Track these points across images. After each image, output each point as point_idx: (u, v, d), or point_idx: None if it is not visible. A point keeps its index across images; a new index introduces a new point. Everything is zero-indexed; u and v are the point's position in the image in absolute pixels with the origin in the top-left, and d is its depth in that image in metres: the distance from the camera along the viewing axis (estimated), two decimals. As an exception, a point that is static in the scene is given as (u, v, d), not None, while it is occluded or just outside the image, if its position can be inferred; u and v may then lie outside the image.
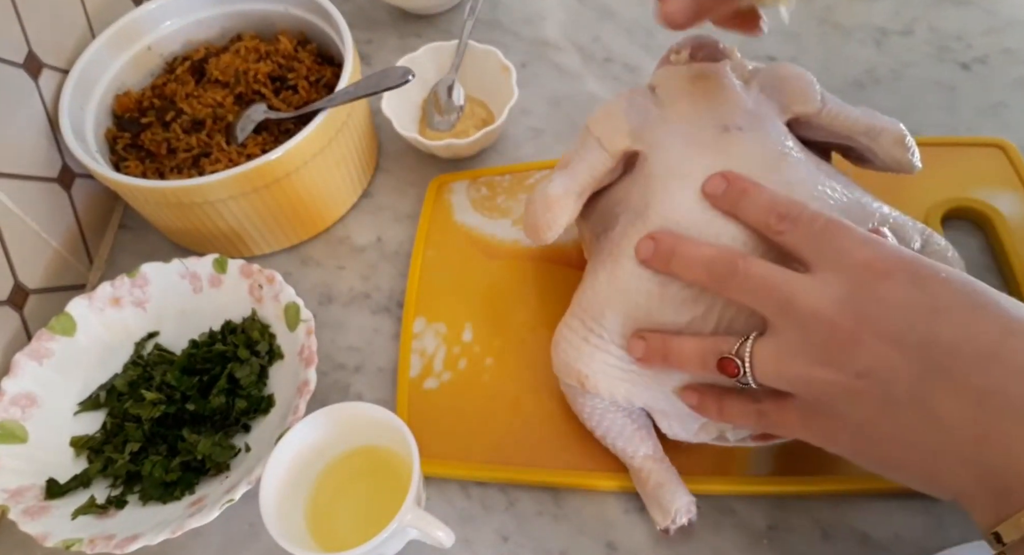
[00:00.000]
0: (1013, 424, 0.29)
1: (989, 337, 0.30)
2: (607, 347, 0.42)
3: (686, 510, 0.42)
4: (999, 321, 0.31)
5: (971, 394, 0.30)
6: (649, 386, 0.42)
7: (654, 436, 0.44)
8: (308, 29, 0.63)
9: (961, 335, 0.31)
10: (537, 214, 0.45)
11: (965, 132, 0.58)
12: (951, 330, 0.31)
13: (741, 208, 0.38)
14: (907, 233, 0.42)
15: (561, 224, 0.45)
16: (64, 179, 0.59)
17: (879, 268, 0.33)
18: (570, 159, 0.45)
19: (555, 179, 0.45)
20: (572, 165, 0.45)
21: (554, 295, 0.52)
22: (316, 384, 0.47)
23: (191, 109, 0.59)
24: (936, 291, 0.32)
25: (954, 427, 0.30)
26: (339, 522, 0.44)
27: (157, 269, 0.53)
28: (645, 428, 0.44)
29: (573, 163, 0.45)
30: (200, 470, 0.48)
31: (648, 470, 0.43)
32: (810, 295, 0.33)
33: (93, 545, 0.42)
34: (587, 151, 0.44)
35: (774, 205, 0.37)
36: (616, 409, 0.44)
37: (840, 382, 0.33)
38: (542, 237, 0.45)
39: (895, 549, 0.42)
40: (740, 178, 0.38)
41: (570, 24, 0.72)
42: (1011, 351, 0.30)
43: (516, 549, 0.45)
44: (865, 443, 0.34)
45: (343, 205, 0.61)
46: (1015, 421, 0.29)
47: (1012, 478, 0.29)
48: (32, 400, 0.48)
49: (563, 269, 0.54)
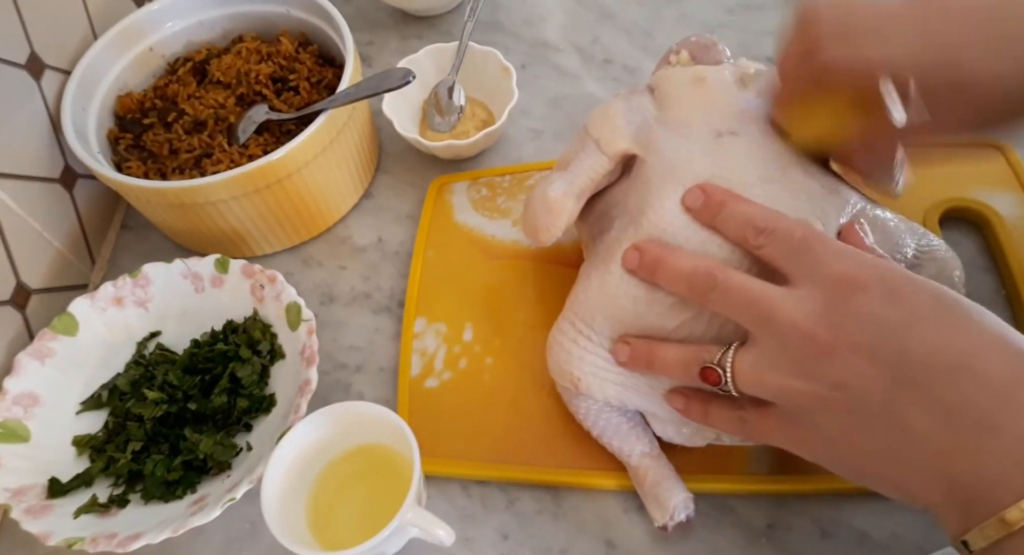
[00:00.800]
0: (980, 438, 0.30)
1: (960, 350, 0.31)
2: (597, 350, 0.43)
3: (684, 507, 0.42)
4: (971, 335, 0.31)
5: (940, 407, 0.30)
6: (639, 389, 0.42)
7: (650, 434, 0.45)
8: (309, 30, 0.64)
9: (932, 348, 0.31)
10: (536, 216, 0.45)
11: (963, 133, 0.58)
12: (923, 344, 0.31)
13: (719, 221, 0.38)
14: (900, 237, 0.42)
15: (560, 226, 0.45)
16: (66, 180, 0.59)
17: (855, 281, 0.33)
18: (569, 160, 0.45)
19: (554, 181, 0.45)
20: (571, 167, 0.45)
21: (554, 295, 0.52)
22: (317, 383, 0.47)
23: (193, 110, 0.59)
24: (910, 304, 0.32)
25: (923, 440, 0.31)
26: (340, 521, 0.44)
27: (159, 269, 0.53)
28: (641, 427, 0.45)
29: (572, 165, 0.45)
30: (202, 469, 0.48)
31: (645, 468, 0.43)
32: (787, 308, 0.34)
33: (95, 544, 0.42)
34: (586, 154, 0.44)
35: (751, 218, 0.37)
36: (611, 409, 0.44)
37: (816, 393, 0.33)
38: (541, 239, 0.46)
39: (894, 548, 0.42)
40: (718, 190, 0.39)
41: (570, 25, 0.72)
42: (981, 365, 0.30)
43: (516, 547, 0.45)
44: (839, 453, 0.35)
45: (344, 205, 0.61)
46: (982, 435, 0.30)
47: (979, 490, 0.30)
48: (34, 399, 0.48)
49: (563, 269, 0.54)
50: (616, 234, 0.43)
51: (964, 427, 0.30)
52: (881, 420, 0.32)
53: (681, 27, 0.70)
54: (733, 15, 0.70)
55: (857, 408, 0.32)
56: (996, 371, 0.30)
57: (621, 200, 0.44)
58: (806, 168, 0.41)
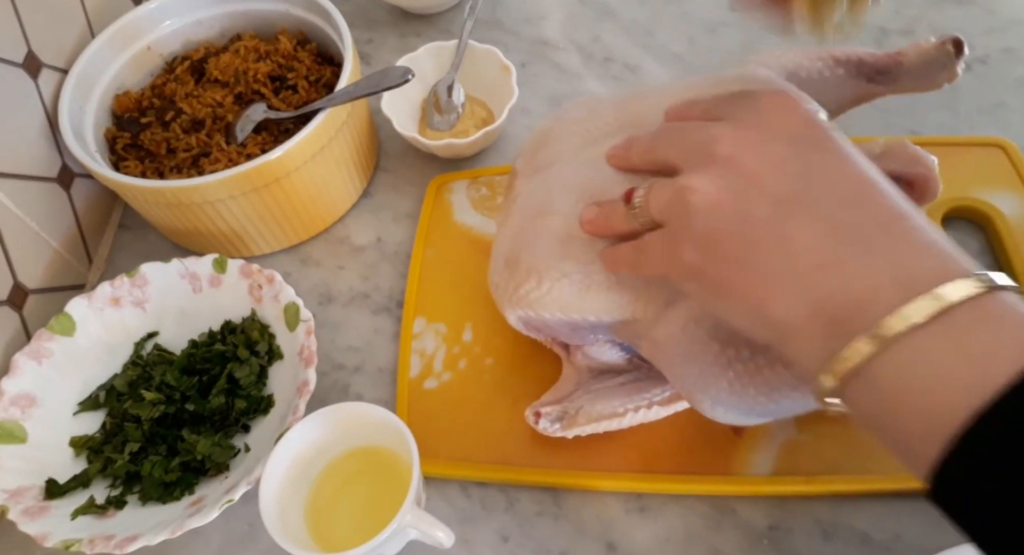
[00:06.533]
0: (858, 254, 0.29)
1: (859, 180, 0.31)
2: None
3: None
4: (868, 170, 0.32)
5: (826, 224, 0.30)
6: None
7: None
8: (308, 29, 0.63)
9: (835, 176, 0.31)
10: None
11: (966, 132, 0.58)
12: (825, 169, 0.32)
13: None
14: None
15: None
16: (63, 179, 0.59)
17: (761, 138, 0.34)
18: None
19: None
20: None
21: (554, 295, 0.52)
22: (316, 384, 0.47)
23: (191, 109, 0.59)
24: (816, 139, 0.33)
25: (800, 252, 0.30)
26: (339, 522, 0.44)
27: (157, 269, 0.53)
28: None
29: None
30: (200, 470, 0.48)
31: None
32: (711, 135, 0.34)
33: (92, 545, 0.42)
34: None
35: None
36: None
37: (707, 192, 0.33)
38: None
39: (896, 550, 0.42)
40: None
41: (570, 24, 0.72)
42: (875, 196, 0.31)
43: (516, 549, 0.45)
44: (707, 260, 0.33)
45: (343, 205, 0.61)
46: (861, 252, 0.29)
47: (847, 308, 0.28)
48: (32, 400, 0.48)
49: (563, 269, 0.54)
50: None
51: (844, 244, 0.29)
52: (762, 227, 0.31)
53: (682, 25, 0.69)
54: (734, 13, 0.69)
55: (743, 213, 0.32)
56: (886, 203, 0.30)
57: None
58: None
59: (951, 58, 0.44)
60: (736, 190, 0.32)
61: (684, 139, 0.36)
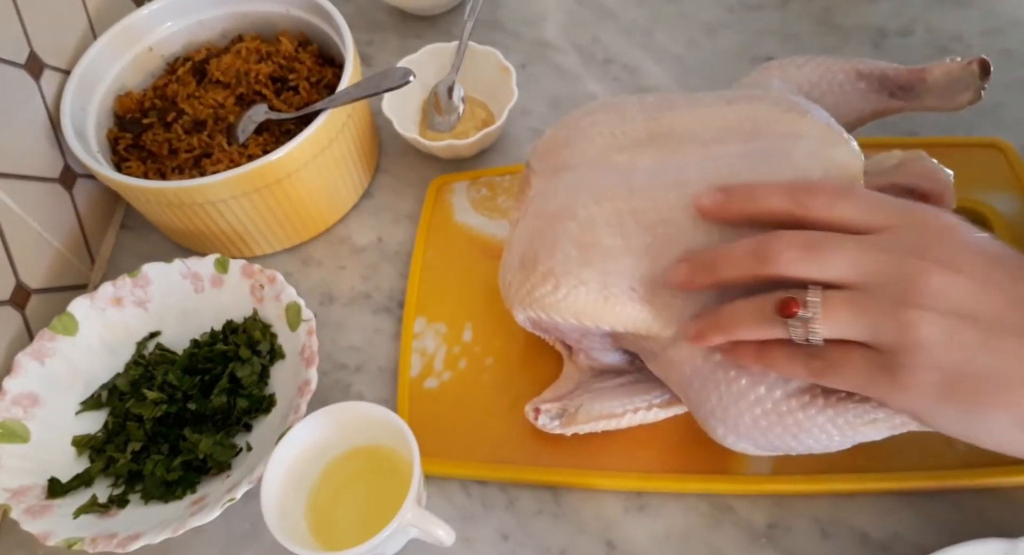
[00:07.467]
0: None
1: None
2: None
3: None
4: None
5: None
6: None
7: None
8: (309, 30, 0.63)
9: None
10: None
11: (963, 132, 0.58)
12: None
13: (752, 205, 0.36)
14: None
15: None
16: (66, 179, 0.59)
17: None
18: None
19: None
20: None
21: (554, 295, 0.52)
22: (317, 384, 0.47)
23: (192, 110, 0.59)
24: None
25: None
26: (340, 521, 0.44)
27: (158, 269, 0.53)
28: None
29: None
30: (201, 469, 0.48)
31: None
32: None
33: (95, 544, 0.42)
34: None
35: (789, 188, 0.36)
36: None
37: (934, 323, 0.31)
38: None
39: (894, 548, 0.42)
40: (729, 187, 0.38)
41: (570, 25, 0.72)
42: None
43: (516, 548, 0.45)
44: (956, 382, 0.31)
45: (344, 205, 0.61)
46: None
47: None
48: (34, 400, 0.48)
49: (563, 269, 0.54)
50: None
51: None
52: (1012, 337, 0.30)
53: (681, 26, 0.70)
54: (734, 14, 0.70)
55: (984, 338, 0.31)
56: None
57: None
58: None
59: (976, 79, 0.43)
60: (961, 316, 0.31)
61: (880, 269, 0.33)
